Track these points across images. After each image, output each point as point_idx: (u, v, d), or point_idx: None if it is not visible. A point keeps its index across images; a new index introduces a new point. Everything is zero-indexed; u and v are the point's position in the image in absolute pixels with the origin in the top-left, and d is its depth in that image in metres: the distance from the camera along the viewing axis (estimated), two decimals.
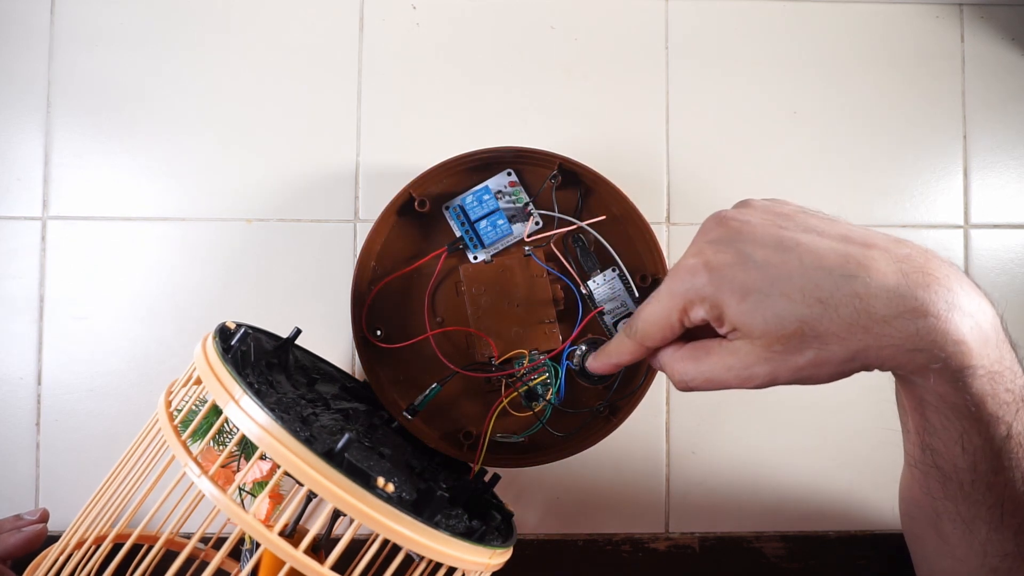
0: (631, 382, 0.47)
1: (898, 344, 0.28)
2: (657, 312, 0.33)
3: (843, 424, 0.56)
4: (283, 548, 0.30)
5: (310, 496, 0.32)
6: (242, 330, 0.38)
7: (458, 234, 0.47)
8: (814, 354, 0.29)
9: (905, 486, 0.38)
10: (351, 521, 0.30)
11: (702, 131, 0.57)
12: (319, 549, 0.42)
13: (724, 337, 0.32)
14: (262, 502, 0.37)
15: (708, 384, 0.33)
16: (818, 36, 0.58)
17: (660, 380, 0.55)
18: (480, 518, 0.37)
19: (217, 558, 0.30)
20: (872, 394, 0.55)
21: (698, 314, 0.32)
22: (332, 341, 0.54)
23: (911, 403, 0.32)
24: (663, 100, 0.57)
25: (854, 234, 0.30)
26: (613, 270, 0.47)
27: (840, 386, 0.56)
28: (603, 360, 0.38)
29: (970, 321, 0.28)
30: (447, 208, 0.47)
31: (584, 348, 0.46)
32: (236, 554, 0.51)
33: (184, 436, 0.34)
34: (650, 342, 0.34)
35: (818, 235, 0.30)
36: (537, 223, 0.47)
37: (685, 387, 0.34)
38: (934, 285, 0.28)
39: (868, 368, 0.30)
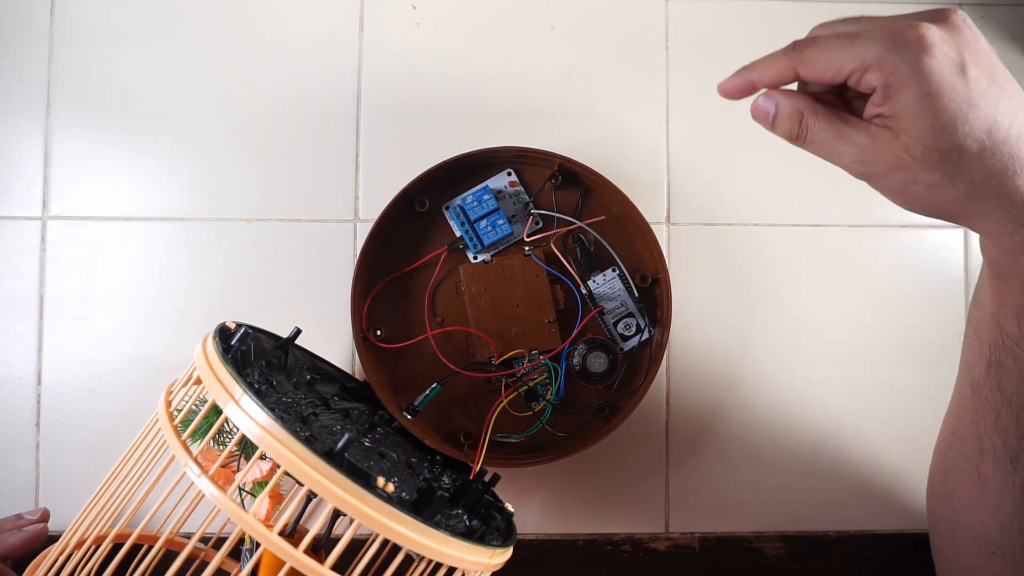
0: (631, 382, 0.47)
1: None
2: (841, 52, 0.31)
3: (843, 424, 0.56)
4: (283, 548, 0.30)
5: (310, 496, 0.32)
6: (242, 330, 0.38)
7: (458, 234, 0.47)
8: (939, 180, 0.30)
9: (949, 427, 0.38)
10: (351, 521, 0.30)
11: (702, 131, 0.57)
12: (319, 549, 0.42)
13: (864, 119, 0.31)
14: (262, 502, 0.37)
15: (824, 148, 0.32)
16: None
17: (660, 380, 0.55)
18: (480, 518, 0.37)
19: (217, 558, 0.30)
20: (871, 393, 0.55)
21: (871, 81, 0.30)
22: (332, 341, 0.54)
23: (996, 305, 0.32)
24: (663, 100, 0.57)
25: None
26: (613, 270, 0.47)
27: (839, 386, 0.56)
28: (742, 74, 0.34)
29: None
30: (447, 208, 0.47)
31: (584, 348, 0.46)
32: (236, 554, 0.51)
33: (184, 436, 0.34)
34: (806, 69, 0.32)
35: (1020, 95, 0.31)
36: (537, 223, 0.47)
37: (799, 140, 0.33)
38: None
39: (967, 223, 0.31)
